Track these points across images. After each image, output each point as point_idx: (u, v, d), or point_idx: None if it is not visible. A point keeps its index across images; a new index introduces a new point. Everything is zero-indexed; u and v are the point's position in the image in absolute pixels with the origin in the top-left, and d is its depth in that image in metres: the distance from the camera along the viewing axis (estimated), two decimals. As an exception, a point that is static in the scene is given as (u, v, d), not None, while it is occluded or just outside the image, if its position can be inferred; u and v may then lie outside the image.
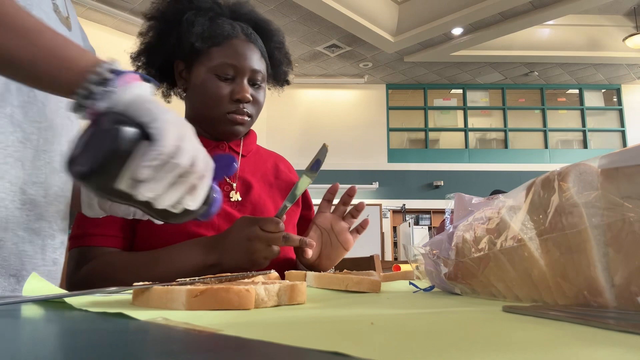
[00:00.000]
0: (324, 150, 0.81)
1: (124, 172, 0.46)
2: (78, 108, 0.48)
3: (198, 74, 0.93)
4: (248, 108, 0.94)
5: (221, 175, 0.58)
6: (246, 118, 0.94)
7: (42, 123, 0.65)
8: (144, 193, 0.46)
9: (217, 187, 0.58)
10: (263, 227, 0.77)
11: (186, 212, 0.53)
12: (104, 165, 0.46)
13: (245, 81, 0.94)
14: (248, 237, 0.77)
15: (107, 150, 0.46)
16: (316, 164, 0.81)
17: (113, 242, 0.86)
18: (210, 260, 0.79)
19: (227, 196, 0.94)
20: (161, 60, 0.98)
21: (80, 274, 0.83)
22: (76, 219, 0.88)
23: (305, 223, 1.07)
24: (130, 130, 0.46)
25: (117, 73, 0.49)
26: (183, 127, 0.50)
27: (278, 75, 1.09)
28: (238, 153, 1.01)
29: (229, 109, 0.93)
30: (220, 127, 0.95)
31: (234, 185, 0.96)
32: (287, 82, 1.12)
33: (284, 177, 1.07)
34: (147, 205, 0.50)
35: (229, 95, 0.92)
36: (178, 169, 0.47)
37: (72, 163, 0.47)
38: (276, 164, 1.10)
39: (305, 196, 1.12)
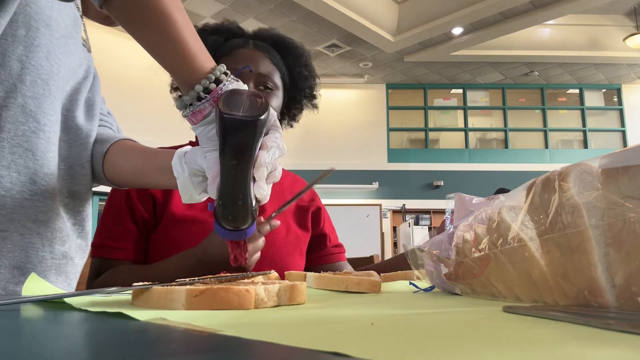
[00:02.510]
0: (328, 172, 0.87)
1: (260, 138, 0.54)
2: (194, 99, 0.56)
3: None
4: None
5: None
6: None
7: (53, 116, 0.66)
8: (264, 157, 0.55)
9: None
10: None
11: (246, 214, 0.55)
12: (258, 118, 0.52)
13: (252, 85, 0.96)
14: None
15: (262, 111, 0.54)
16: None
17: (125, 254, 0.93)
18: (199, 254, 0.82)
19: None
20: None
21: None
22: (97, 227, 0.95)
23: (319, 240, 1.14)
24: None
25: (227, 75, 0.59)
26: None
27: (304, 89, 1.10)
28: None
29: None
30: None
31: None
32: (315, 97, 1.14)
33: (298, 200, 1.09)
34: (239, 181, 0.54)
35: None
36: (279, 155, 0.58)
37: (229, 110, 0.52)
38: (292, 184, 1.14)
39: (317, 215, 1.15)
